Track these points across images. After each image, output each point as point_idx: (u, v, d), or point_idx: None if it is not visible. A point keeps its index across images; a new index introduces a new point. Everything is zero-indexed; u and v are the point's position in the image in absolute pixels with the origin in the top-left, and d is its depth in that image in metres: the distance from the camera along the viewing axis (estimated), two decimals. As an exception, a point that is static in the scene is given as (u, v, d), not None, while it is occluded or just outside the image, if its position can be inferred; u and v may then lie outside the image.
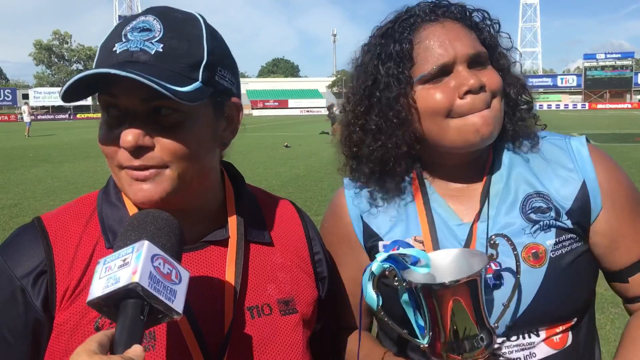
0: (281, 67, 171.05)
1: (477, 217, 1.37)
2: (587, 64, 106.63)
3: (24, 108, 42.05)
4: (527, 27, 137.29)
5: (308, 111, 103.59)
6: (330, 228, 1.54)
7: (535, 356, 1.32)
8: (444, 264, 1.24)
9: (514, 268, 1.25)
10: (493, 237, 1.24)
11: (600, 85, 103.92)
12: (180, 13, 1.13)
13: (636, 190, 1.44)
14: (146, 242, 0.90)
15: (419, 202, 1.43)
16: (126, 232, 0.97)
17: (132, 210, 1.16)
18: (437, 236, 1.37)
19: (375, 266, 1.17)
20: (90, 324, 1.08)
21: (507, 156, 1.43)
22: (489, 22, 1.44)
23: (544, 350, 1.32)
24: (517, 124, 1.43)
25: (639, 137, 26.24)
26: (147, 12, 1.11)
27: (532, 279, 1.29)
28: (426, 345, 1.21)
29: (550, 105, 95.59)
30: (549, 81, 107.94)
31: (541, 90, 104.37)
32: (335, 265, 1.48)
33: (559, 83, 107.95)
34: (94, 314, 1.07)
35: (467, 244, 1.34)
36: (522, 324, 1.30)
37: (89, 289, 0.89)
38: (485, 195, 1.39)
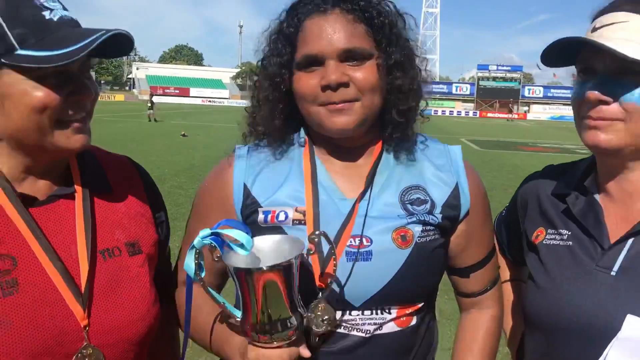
0: (184, 55, 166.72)
1: (361, 195, 1.46)
2: (480, 74, 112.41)
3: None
4: (428, 35, 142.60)
5: (210, 101, 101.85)
6: (210, 189, 1.58)
7: (381, 329, 1.44)
8: (266, 248, 1.31)
9: (387, 248, 1.40)
10: (314, 233, 1.31)
11: (491, 95, 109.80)
12: None
13: (488, 201, 1.63)
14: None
15: (306, 173, 1.50)
16: None
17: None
18: (320, 208, 1.44)
19: (196, 241, 1.24)
20: None
21: (394, 148, 1.53)
22: (392, 15, 1.46)
23: (390, 326, 1.45)
24: (400, 116, 1.48)
25: (520, 145, 28.13)
26: None
27: (396, 258, 1.41)
28: (239, 319, 1.30)
29: (445, 111, 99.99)
30: (444, 88, 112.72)
31: (437, 96, 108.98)
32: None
33: (453, 90, 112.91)
34: None
35: (348, 218, 1.44)
36: (378, 300, 1.41)
37: None
38: (371, 177, 1.49)
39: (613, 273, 1.32)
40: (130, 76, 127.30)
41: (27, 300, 1.19)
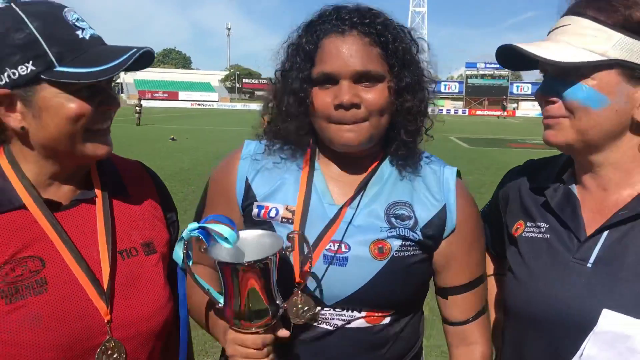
0: (172, 58, 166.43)
1: (349, 202, 1.54)
2: (468, 72, 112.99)
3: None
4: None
5: (199, 104, 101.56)
6: (217, 178, 1.68)
7: (350, 323, 1.52)
8: (249, 242, 1.41)
9: (363, 257, 1.48)
10: (292, 232, 1.43)
11: (480, 93, 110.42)
12: None
13: (482, 229, 1.67)
14: None
15: (303, 176, 1.59)
16: None
17: (13, 179, 1.34)
18: (309, 210, 1.53)
19: (184, 233, 1.36)
20: None
21: (391, 164, 1.61)
22: (406, 41, 1.54)
23: (359, 322, 1.52)
24: (408, 136, 1.57)
25: (509, 142, 28.27)
26: (60, 5, 1.34)
27: (371, 268, 1.48)
28: (221, 305, 1.40)
29: (434, 110, 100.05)
30: (433, 87, 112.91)
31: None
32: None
33: (442, 89, 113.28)
34: None
35: (333, 221, 1.52)
36: (349, 303, 1.50)
37: None
38: (361, 188, 1.56)
39: (589, 265, 1.35)
40: (118, 81, 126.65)
41: (56, 297, 1.30)
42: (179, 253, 1.38)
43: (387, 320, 1.54)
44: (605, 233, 1.36)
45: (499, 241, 1.72)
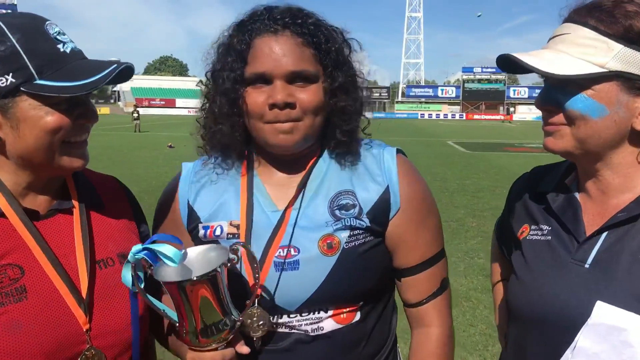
0: (169, 65, 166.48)
1: (291, 204, 1.52)
2: (465, 77, 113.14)
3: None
4: (412, 39, 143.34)
5: (197, 111, 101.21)
6: (163, 205, 1.68)
7: (322, 329, 1.49)
8: (195, 258, 1.42)
9: (313, 256, 1.46)
10: (235, 244, 1.40)
11: (477, 97, 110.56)
12: None
13: (431, 206, 1.62)
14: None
15: (242, 188, 1.57)
16: None
17: None
18: (253, 221, 1.52)
19: (130, 256, 1.37)
20: None
21: (329, 158, 1.59)
22: (339, 42, 1.53)
23: (330, 324, 1.50)
24: (344, 135, 1.55)
25: (507, 146, 28.33)
26: (42, 18, 1.35)
27: (323, 265, 1.46)
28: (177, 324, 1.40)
29: (431, 114, 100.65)
30: (430, 91, 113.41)
31: (423, 100, 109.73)
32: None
33: (439, 94, 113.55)
34: None
35: (278, 227, 1.50)
36: (312, 304, 1.47)
37: None
38: (301, 186, 1.54)
39: (587, 265, 1.37)
40: (115, 89, 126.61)
41: (35, 305, 1.30)
42: (127, 276, 1.37)
43: (357, 317, 1.52)
44: (604, 235, 1.37)
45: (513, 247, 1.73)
